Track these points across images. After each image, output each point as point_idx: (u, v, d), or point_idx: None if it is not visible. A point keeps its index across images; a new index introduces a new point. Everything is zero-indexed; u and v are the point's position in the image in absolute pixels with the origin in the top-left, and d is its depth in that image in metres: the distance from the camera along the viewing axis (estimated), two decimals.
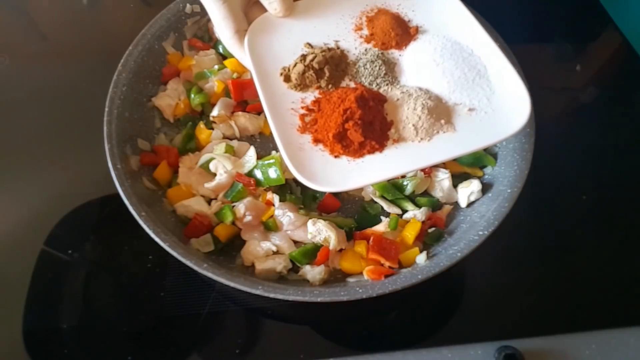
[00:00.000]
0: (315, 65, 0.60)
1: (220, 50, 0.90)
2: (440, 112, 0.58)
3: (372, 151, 0.57)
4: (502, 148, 0.79)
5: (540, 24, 1.09)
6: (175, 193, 0.76)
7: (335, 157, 0.57)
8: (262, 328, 0.73)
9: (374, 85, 0.62)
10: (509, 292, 0.76)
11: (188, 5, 0.88)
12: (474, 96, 0.60)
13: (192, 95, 0.85)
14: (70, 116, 0.92)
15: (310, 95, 0.61)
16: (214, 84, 0.85)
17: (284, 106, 0.60)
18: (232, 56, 0.86)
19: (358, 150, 0.56)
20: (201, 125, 0.83)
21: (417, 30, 0.65)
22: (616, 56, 1.05)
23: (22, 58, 1.01)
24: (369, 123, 0.57)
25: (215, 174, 0.77)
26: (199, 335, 0.72)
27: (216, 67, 0.87)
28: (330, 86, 0.61)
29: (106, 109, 0.76)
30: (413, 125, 0.57)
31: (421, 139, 0.57)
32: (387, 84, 0.62)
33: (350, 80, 0.62)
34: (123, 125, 0.77)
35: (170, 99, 0.85)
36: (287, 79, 0.61)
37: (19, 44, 1.03)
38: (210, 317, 0.72)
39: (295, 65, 0.61)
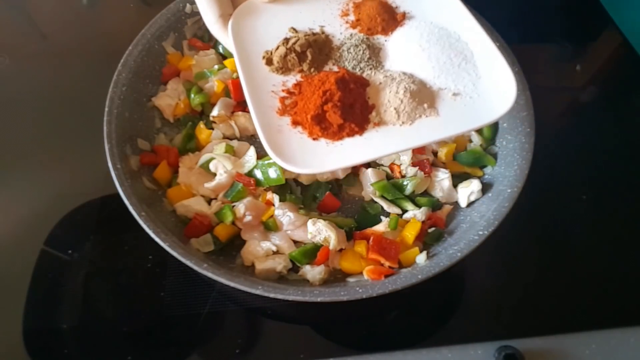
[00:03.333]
0: (298, 48, 0.59)
1: (220, 50, 0.90)
2: (423, 96, 0.57)
3: (351, 134, 0.56)
4: (502, 148, 0.79)
5: (540, 24, 1.08)
6: (175, 193, 0.76)
7: (314, 139, 0.56)
8: (262, 328, 0.72)
9: (357, 70, 0.61)
10: (509, 292, 0.76)
11: (188, 5, 0.88)
12: (459, 81, 0.59)
13: (192, 95, 0.85)
14: (70, 116, 0.92)
15: (292, 79, 0.60)
16: (214, 83, 0.85)
17: (265, 89, 0.59)
18: (230, 55, 0.87)
19: (337, 133, 0.55)
20: (201, 125, 0.83)
21: (404, 16, 0.64)
22: (616, 56, 1.05)
23: (22, 58, 1.01)
24: (349, 106, 0.56)
25: (215, 174, 0.77)
26: (199, 335, 0.72)
27: (216, 67, 0.87)
28: (312, 70, 0.60)
29: (106, 109, 0.76)
30: (395, 108, 0.57)
31: (402, 122, 0.57)
32: (370, 68, 0.61)
33: (333, 64, 0.61)
34: (123, 125, 0.77)
35: (170, 99, 0.85)
36: (269, 62, 0.60)
37: (19, 44, 1.03)
38: (210, 317, 0.72)
39: (277, 48, 0.60)
